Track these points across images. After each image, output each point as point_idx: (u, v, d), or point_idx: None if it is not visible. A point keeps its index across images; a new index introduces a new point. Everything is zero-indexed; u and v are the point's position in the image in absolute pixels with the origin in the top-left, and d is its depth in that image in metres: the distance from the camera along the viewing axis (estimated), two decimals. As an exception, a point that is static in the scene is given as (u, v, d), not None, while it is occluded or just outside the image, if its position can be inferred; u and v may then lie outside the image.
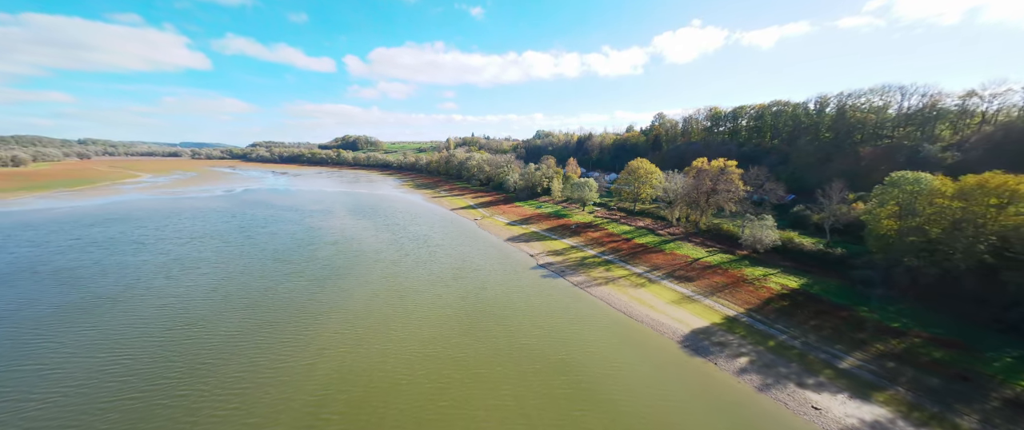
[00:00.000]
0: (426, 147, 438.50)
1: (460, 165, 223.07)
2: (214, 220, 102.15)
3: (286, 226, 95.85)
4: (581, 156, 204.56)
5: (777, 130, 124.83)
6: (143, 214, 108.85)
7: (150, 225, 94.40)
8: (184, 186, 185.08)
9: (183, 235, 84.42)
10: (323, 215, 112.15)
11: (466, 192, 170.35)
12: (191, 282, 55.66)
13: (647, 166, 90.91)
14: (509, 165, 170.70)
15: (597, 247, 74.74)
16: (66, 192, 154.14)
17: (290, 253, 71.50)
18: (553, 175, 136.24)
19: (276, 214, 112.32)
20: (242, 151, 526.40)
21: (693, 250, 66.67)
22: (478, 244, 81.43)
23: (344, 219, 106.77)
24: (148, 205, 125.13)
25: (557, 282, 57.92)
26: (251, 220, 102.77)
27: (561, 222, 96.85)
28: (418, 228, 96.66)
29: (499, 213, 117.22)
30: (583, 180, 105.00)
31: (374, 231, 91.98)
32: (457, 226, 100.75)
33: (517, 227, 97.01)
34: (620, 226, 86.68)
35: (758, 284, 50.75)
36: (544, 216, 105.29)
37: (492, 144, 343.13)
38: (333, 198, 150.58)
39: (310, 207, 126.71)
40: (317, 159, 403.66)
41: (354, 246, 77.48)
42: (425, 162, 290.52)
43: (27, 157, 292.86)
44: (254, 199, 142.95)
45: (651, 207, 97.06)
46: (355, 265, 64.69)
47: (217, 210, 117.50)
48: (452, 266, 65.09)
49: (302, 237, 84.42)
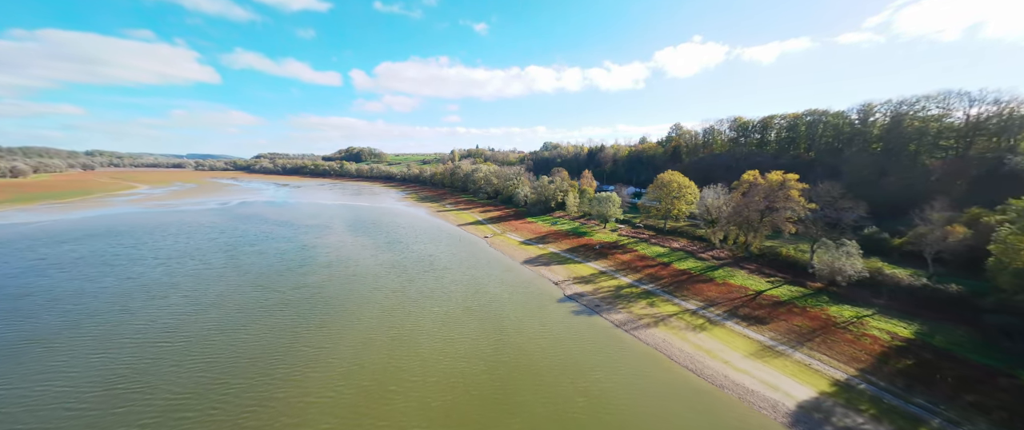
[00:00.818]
0: (430, 159, 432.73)
1: (466, 177, 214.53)
2: (199, 236, 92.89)
3: (277, 244, 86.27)
4: (592, 169, 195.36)
5: (813, 141, 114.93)
6: (125, 229, 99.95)
7: (128, 242, 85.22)
8: (179, 198, 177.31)
9: (161, 255, 74.94)
10: (319, 231, 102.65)
11: (473, 206, 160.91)
12: (150, 318, 45.66)
13: (679, 179, 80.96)
14: (519, 177, 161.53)
15: (631, 273, 64.13)
16: (54, 204, 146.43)
17: (275, 278, 61.55)
18: (568, 188, 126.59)
19: (268, 230, 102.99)
20: (246, 163, 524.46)
21: (750, 279, 55.91)
22: (491, 267, 71.12)
23: (342, 236, 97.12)
24: (134, 219, 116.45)
25: (594, 321, 47.26)
26: (240, 237, 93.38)
27: (582, 241, 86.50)
28: (422, 247, 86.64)
29: (511, 230, 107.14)
30: (605, 194, 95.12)
31: (373, 250, 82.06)
32: (465, 245, 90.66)
33: (533, 247, 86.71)
34: (652, 247, 76.17)
35: (855, 330, 39.88)
36: (562, 234, 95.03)
37: (497, 156, 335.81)
38: (332, 212, 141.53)
39: (306, 222, 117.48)
40: (320, 171, 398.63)
41: (350, 269, 67.44)
42: (429, 174, 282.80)
43: (27, 168, 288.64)
44: (248, 213, 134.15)
45: (684, 225, 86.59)
46: (349, 296, 54.46)
47: (206, 225, 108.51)
48: (464, 297, 54.68)
49: (293, 258, 74.64)
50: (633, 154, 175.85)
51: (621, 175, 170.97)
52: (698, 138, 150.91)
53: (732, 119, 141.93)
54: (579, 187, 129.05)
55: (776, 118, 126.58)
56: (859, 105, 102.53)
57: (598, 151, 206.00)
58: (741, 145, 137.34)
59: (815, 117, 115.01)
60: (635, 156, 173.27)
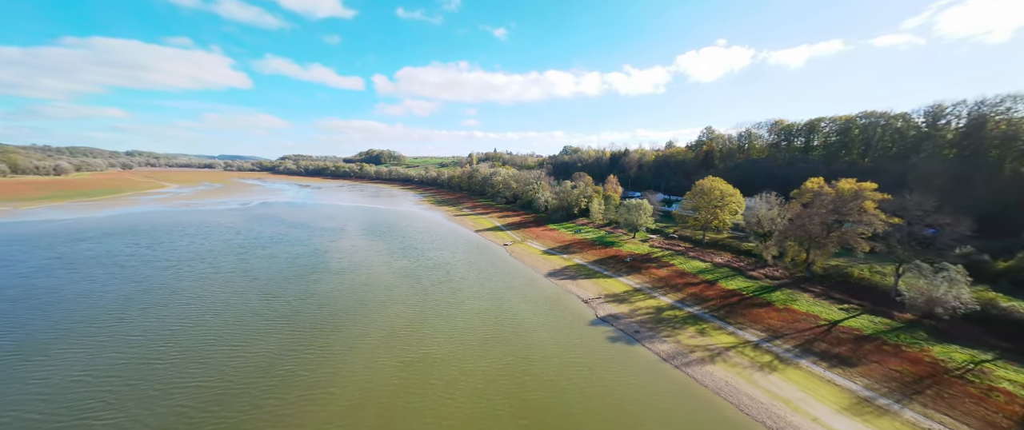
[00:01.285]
0: (448, 162, 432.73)
1: (484, 181, 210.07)
2: (215, 237, 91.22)
3: (290, 247, 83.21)
4: (616, 174, 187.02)
5: (869, 146, 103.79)
6: (145, 228, 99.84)
7: (144, 242, 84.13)
8: (203, 198, 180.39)
9: (173, 256, 72.84)
10: (334, 234, 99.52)
11: (491, 210, 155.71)
12: (144, 330, 42.00)
13: (722, 187, 72.77)
14: (539, 182, 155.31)
15: (671, 292, 56.66)
16: (86, 202, 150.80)
17: (284, 286, 57.58)
18: (592, 194, 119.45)
19: (284, 232, 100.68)
20: (271, 164, 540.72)
21: (817, 305, 47.62)
22: (512, 279, 65.08)
23: (356, 240, 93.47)
24: (156, 218, 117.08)
25: (635, 352, 40.37)
26: (254, 238, 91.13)
27: (610, 252, 79.32)
28: (438, 254, 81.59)
29: (532, 237, 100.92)
30: (636, 202, 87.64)
31: (387, 256, 77.58)
32: (484, 253, 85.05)
33: (557, 257, 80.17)
34: (691, 261, 68.29)
35: (977, 382, 31.51)
36: (587, 244, 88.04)
37: (516, 160, 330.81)
38: (349, 214, 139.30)
39: (322, 224, 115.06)
40: (341, 172, 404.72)
41: (361, 278, 62.88)
42: (447, 177, 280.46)
43: (69, 167, 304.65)
44: (266, 214, 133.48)
45: (726, 238, 78.10)
46: (358, 309, 49.57)
47: (224, 225, 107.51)
48: (483, 314, 48.82)
49: (304, 263, 70.97)
50: (660, 159, 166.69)
51: (647, 181, 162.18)
52: (733, 142, 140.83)
53: (771, 122, 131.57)
54: (604, 193, 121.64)
55: (823, 121, 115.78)
56: (927, 106, 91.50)
57: (622, 155, 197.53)
58: (781, 150, 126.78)
59: (871, 120, 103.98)
60: (662, 161, 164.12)
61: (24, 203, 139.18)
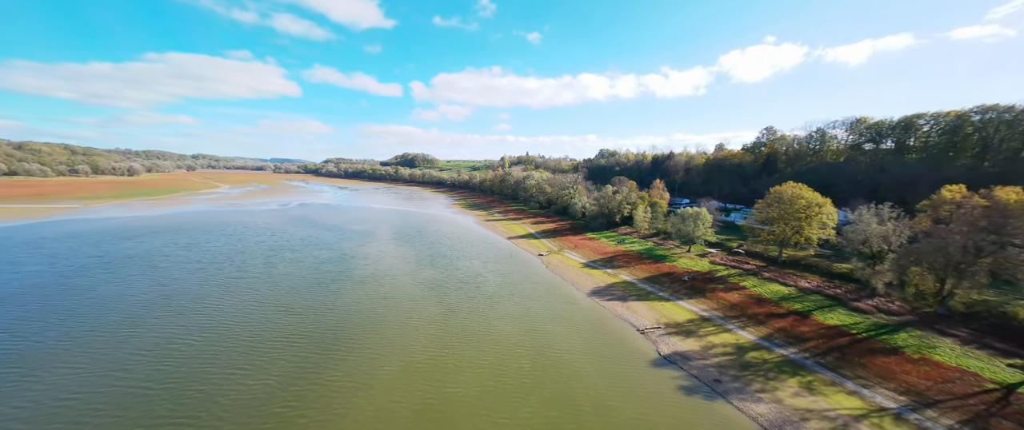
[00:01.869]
0: (480, 165, 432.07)
1: (516, 184, 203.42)
2: (249, 239, 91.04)
3: (318, 251, 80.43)
4: (659, 178, 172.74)
5: (988, 146, 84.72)
6: (188, 227, 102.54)
7: (182, 241, 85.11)
8: (248, 198, 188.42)
9: (205, 257, 72.01)
10: (363, 238, 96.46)
11: (523, 215, 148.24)
12: (153, 341, 38.56)
13: (807, 194, 60.05)
14: (575, 186, 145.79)
15: (750, 323, 45.76)
16: (145, 200, 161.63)
17: (303, 296, 53.32)
18: (636, 201, 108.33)
19: (314, 234, 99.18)
20: (315, 166, 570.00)
21: (969, 357, 35.12)
22: (550, 298, 56.77)
23: (384, 245, 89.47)
24: (201, 218, 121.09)
25: (722, 413, 30.61)
26: (285, 240, 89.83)
27: (662, 268, 68.75)
28: (469, 264, 75.03)
29: (569, 247, 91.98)
30: (692, 210, 76.26)
31: (414, 265, 72.16)
32: (517, 264, 77.41)
33: (600, 271, 70.81)
34: (768, 284, 56.41)
35: None
36: (634, 257, 77.77)
37: (549, 163, 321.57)
38: (380, 217, 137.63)
39: (353, 227, 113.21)
40: (377, 175, 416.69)
41: (384, 288, 57.45)
42: (479, 180, 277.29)
43: (141, 168, 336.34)
44: (302, 215, 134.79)
45: (809, 256, 64.93)
46: (377, 330, 43.62)
47: (260, 226, 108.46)
48: (518, 346, 41.01)
49: (329, 269, 67.15)
50: (712, 163, 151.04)
51: (696, 187, 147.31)
52: (802, 144, 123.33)
53: (850, 120, 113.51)
54: (649, 199, 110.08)
55: (923, 118, 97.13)
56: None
57: (665, 159, 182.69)
58: (865, 152, 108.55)
59: (992, 115, 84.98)
60: (714, 165, 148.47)
61: (94, 201, 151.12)
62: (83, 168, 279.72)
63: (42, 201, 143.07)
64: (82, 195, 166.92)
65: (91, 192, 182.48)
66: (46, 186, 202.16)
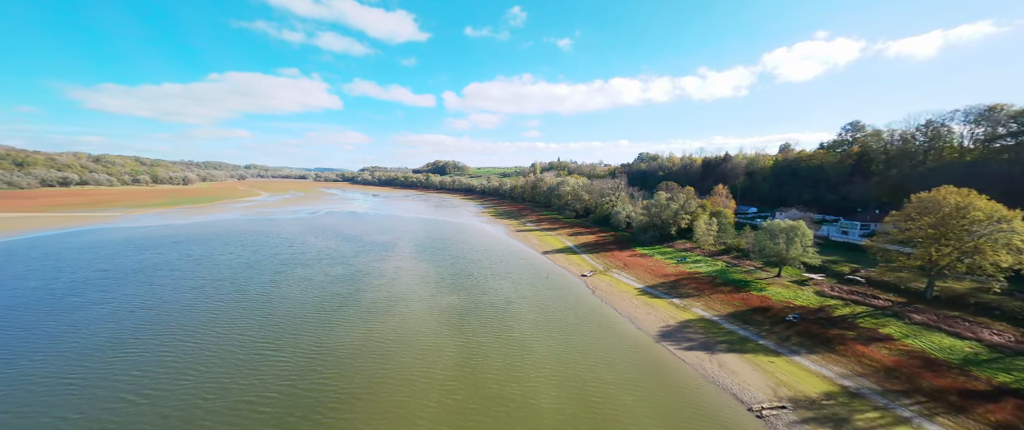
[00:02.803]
0: (510, 172, 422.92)
1: (549, 191, 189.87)
2: (265, 250, 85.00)
3: (332, 267, 71.89)
4: (713, 183, 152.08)
5: None
6: (211, 237, 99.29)
7: (197, 253, 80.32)
8: (282, 206, 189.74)
9: (210, 274, 65.53)
10: (383, 252, 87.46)
11: (558, 225, 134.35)
12: (108, 387, 29.49)
13: (982, 205, 41.73)
14: (617, 193, 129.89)
15: (941, 409, 29.25)
16: (188, 207, 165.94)
17: (300, 330, 43.52)
18: (696, 210, 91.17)
19: (332, 247, 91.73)
20: (351, 175, 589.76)
21: None
22: (606, 342, 42.82)
23: (404, 260, 79.58)
24: (227, 227, 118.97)
25: None
26: (301, 254, 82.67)
27: (750, 300, 52.46)
28: (497, 287, 62.69)
29: (617, 265, 77.11)
30: (786, 224, 59.12)
31: (433, 287, 61.01)
32: (557, 288, 63.99)
33: (663, 301, 55.70)
34: (923, 333, 38.93)
35: None
36: (704, 282, 61.74)
37: (582, 169, 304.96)
38: (405, 226, 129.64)
39: (375, 237, 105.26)
40: (409, 182, 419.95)
41: (394, 322, 46.44)
42: (509, 187, 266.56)
43: (195, 178, 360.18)
44: (325, 224, 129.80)
45: (971, 288, 46.02)
46: (374, 385, 32.18)
47: (281, 236, 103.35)
48: (565, 426, 27.76)
49: (337, 291, 57.65)
50: (783, 165, 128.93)
51: (763, 193, 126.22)
52: (910, 140, 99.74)
53: (981, 109, 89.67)
54: (711, 208, 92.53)
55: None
56: None
57: (720, 162, 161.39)
58: (1002, 148, 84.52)
59: None
60: (785, 167, 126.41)
61: (140, 208, 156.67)
62: (144, 178, 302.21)
63: (94, 208, 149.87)
64: (132, 203, 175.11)
65: (141, 200, 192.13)
66: (106, 195, 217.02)
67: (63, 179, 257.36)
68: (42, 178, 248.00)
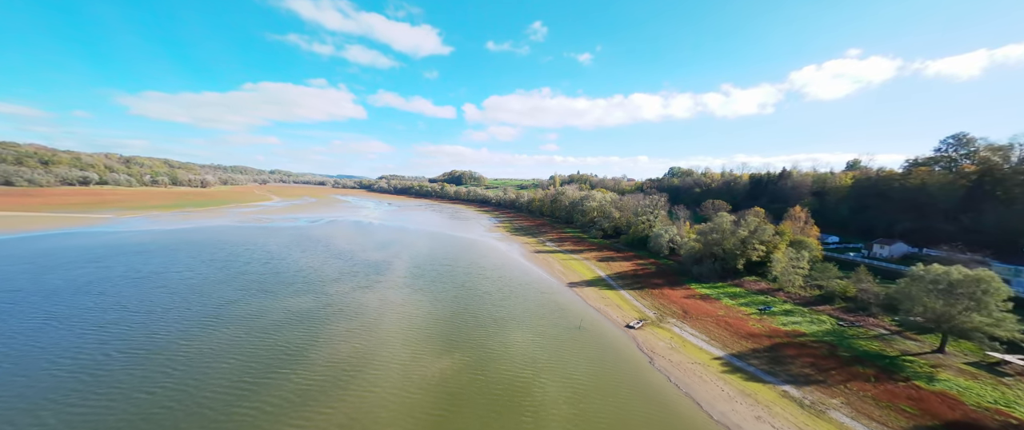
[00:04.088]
0: (527, 184, 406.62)
1: (572, 206, 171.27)
2: (232, 267, 70.52)
3: (297, 299, 56.02)
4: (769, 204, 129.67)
5: None
6: (188, 245, 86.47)
7: (149, 268, 66.68)
8: (284, 213, 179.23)
9: (141, 301, 50.87)
10: (373, 275, 71.29)
11: (583, 246, 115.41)
12: None
13: None
14: (656, 211, 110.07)
15: None
16: (184, 211, 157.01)
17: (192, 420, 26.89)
18: (774, 240, 70.56)
19: (316, 265, 76.39)
20: (369, 182, 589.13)
21: None
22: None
23: (393, 290, 62.90)
24: (213, 235, 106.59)
25: None
26: (271, 274, 67.61)
27: (923, 399, 32.34)
28: (514, 340, 44.64)
29: (673, 311, 57.62)
30: (965, 272, 38.71)
31: (423, 340, 43.64)
32: (597, 345, 45.28)
33: (771, 391, 36.15)
34: None
35: None
36: (818, 352, 41.64)
37: (606, 183, 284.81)
38: (410, 240, 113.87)
39: (370, 255, 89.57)
40: (424, 191, 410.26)
41: (346, 413, 29.15)
42: (527, 200, 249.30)
43: (215, 181, 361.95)
44: (321, 235, 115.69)
45: None
46: None
47: (263, 248, 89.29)
48: None
49: (283, 344, 41.33)
50: (866, 185, 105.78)
51: (838, 217, 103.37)
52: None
53: None
54: (789, 236, 71.82)
55: None
56: None
57: (776, 178, 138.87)
58: None
59: None
60: (869, 188, 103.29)
61: (140, 210, 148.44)
62: (163, 179, 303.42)
63: (90, 209, 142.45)
64: (134, 205, 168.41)
65: (146, 202, 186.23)
66: (116, 195, 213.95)
67: (83, 178, 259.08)
68: (63, 177, 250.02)
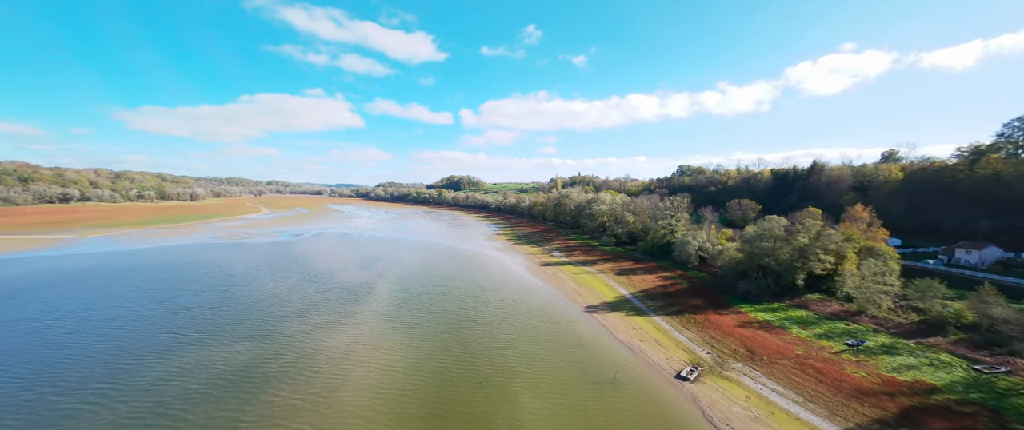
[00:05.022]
0: (527, 187, 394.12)
1: (578, 210, 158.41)
2: (178, 301, 57.75)
3: (237, 349, 43.21)
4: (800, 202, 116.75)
5: None
6: (132, 273, 73.87)
7: (68, 307, 53.77)
8: (269, 226, 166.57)
9: (29, 359, 37.83)
10: (347, 305, 58.41)
11: (595, 255, 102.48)
12: None
13: None
14: (678, 214, 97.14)
15: None
16: (156, 229, 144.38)
17: None
18: (841, 247, 57.18)
19: (280, 294, 63.62)
20: (366, 190, 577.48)
21: None
22: None
23: (368, 328, 49.96)
24: (172, 257, 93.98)
25: None
26: (221, 309, 54.84)
27: None
28: (527, 407, 31.65)
29: (729, 346, 44.52)
30: None
31: (399, 413, 30.63)
32: (642, 406, 32.31)
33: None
34: None
35: None
36: (974, 426, 28.42)
37: (611, 184, 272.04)
38: (399, 256, 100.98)
39: (350, 275, 76.73)
40: (421, 198, 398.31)
41: None
42: (528, 204, 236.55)
43: (205, 194, 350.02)
44: (300, 251, 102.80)
45: None
46: None
47: (226, 272, 76.56)
48: None
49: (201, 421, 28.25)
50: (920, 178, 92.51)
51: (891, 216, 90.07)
52: None
53: None
54: (859, 242, 58.63)
55: None
56: None
57: (804, 174, 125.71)
58: None
59: None
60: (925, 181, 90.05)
61: (104, 229, 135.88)
62: (149, 194, 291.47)
63: (58, 229, 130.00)
64: (108, 222, 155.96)
65: (121, 219, 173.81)
66: (93, 211, 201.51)
67: (64, 195, 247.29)
68: (42, 194, 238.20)
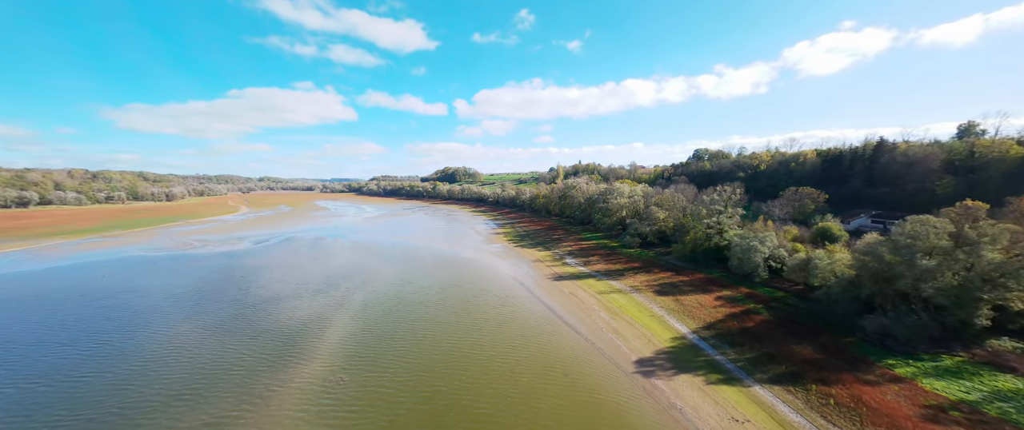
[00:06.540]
0: (526, 177, 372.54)
1: (590, 203, 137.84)
2: (27, 361, 37.49)
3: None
4: (860, 188, 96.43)
5: None
6: (6, 303, 53.47)
7: None
8: (234, 230, 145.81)
9: None
10: (282, 359, 38.34)
11: (618, 262, 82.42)
12: None
13: None
14: (727, 208, 76.57)
15: None
16: (99, 236, 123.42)
17: None
18: None
19: (193, 340, 43.48)
20: (359, 185, 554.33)
21: None
22: None
23: (294, 416, 29.88)
24: (80, 279, 73.78)
25: None
26: (99, 369, 34.53)
27: None
28: None
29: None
30: None
31: None
32: None
33: None
34: None
35: None
36: None
37: (620, 173, 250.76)
38: (377, 268, 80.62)
39: (304, 305, 56.63)
40: (415, 192, 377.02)
41: None
42: (529, 197, 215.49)
43: (184, 193, 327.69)
44: (253, 265, 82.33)
45: None
46: None
47: (137, 303, 56.43)
48: None
49: None
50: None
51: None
52: None
53: None
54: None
55: None
56: None
57: (866, 153, 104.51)
58: None
59: None
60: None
61: (32, 240, 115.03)
62: (119, 195, 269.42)
63: None
64: (49, 230, 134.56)
65: (70, 224, 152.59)
66: (42, 217, 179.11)
67: (20, 199, 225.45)
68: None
